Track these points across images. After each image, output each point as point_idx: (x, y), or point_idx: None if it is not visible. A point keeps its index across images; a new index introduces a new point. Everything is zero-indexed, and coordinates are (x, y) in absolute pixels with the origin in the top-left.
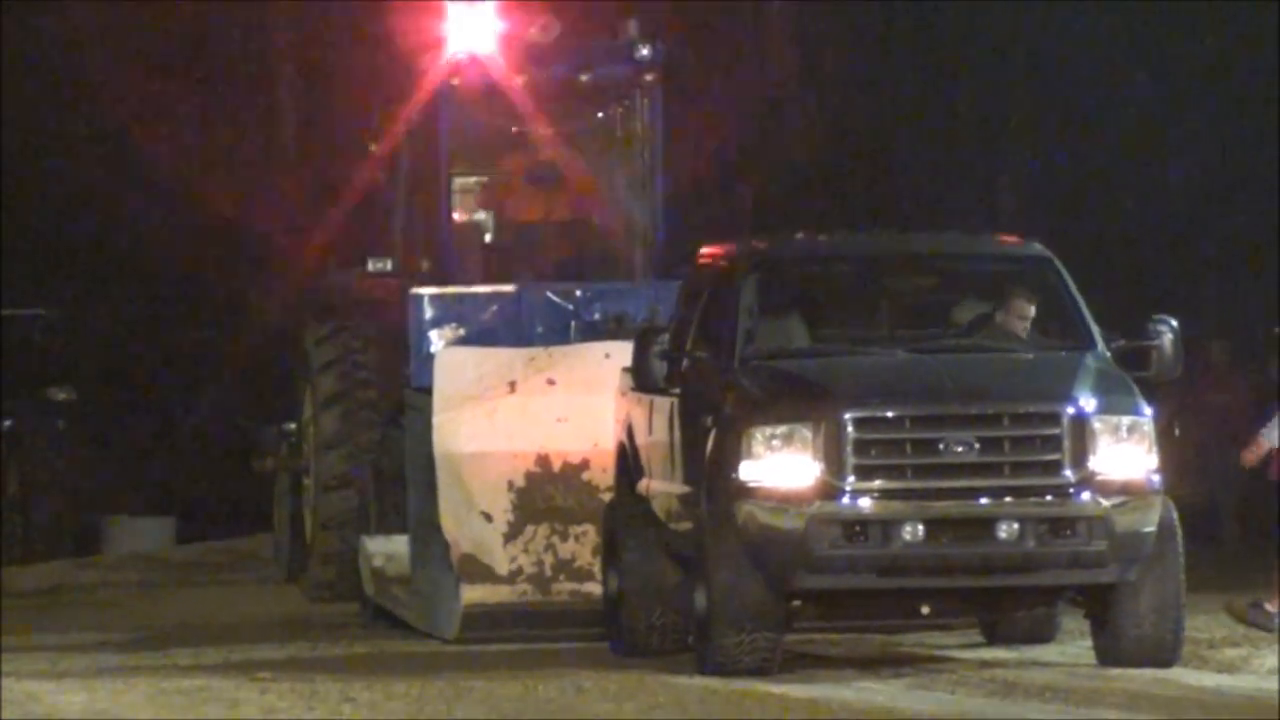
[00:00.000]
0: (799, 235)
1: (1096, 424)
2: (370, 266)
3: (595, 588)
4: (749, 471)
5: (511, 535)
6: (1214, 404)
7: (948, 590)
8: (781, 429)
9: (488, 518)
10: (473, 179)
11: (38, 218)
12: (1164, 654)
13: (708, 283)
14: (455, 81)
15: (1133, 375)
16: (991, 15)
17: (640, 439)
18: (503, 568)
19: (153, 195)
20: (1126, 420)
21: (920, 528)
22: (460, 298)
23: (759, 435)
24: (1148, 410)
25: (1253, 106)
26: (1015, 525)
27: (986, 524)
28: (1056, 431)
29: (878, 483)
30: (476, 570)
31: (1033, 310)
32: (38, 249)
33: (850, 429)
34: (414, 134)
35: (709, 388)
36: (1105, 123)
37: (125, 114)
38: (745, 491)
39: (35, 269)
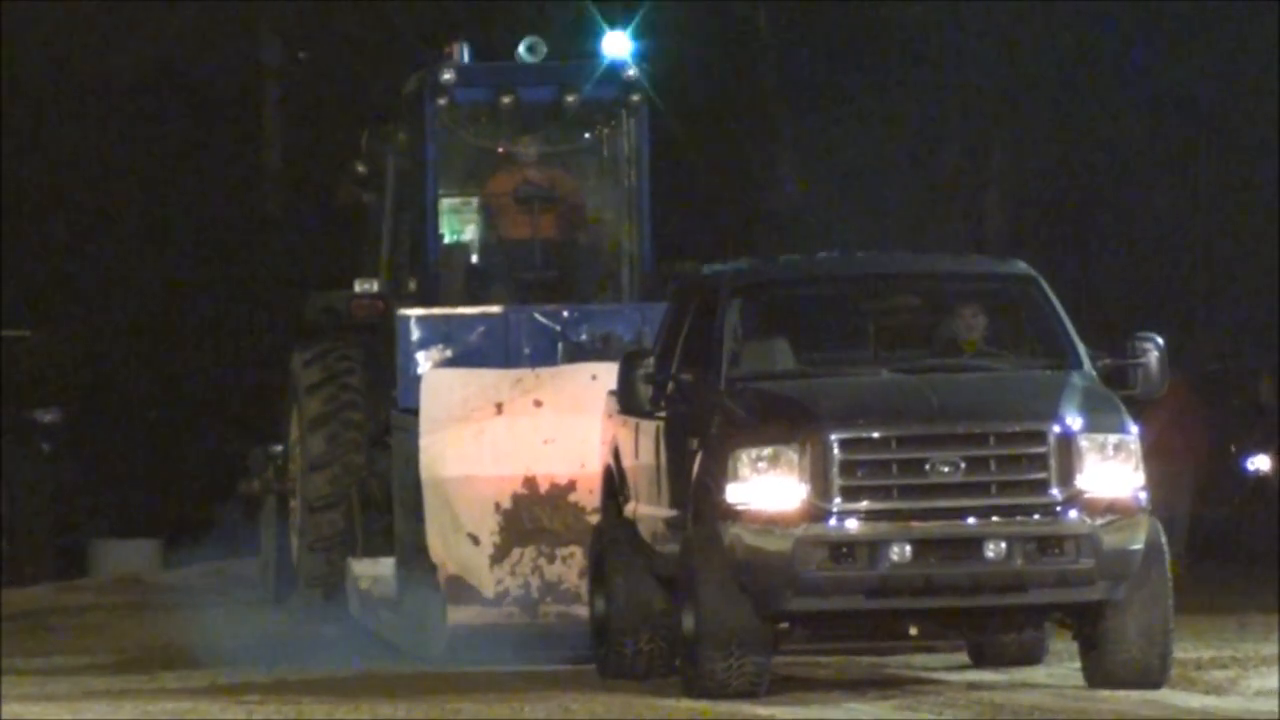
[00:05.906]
0: (783, 256)
1: (1083, 442)
2: (357, 288)
3: (582, 610)
4: (735, 493)
5: (498, 557)
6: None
7: (936, 611)
8: (767, 451)
9: (474, 539)
10: (460, 199)
11: (24, 239)
12: (1152, 676)
13: (693, 305)
14: (443, 101)
15: (1119, 393)
16: (975, 23)
17: (627, 461)
18: (489, 589)
19: (139, 217)
20: (1113, 438)
21: (907, 548)
22: (447, 319)
23: (745, 457)
24: (1134, 428)
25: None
26: (1003, 544)
27: (974, 544)
28: (1043, 450)
29: (864, 504)
30: (463, 592)
31: (983, 321)
32: (24, 270)
33: (836, 450)
34: (401, 155)
35: (695, 410)
36: (1093, 135)
37: (113, 134)
38: (732, 513)
39: (21, 290)
